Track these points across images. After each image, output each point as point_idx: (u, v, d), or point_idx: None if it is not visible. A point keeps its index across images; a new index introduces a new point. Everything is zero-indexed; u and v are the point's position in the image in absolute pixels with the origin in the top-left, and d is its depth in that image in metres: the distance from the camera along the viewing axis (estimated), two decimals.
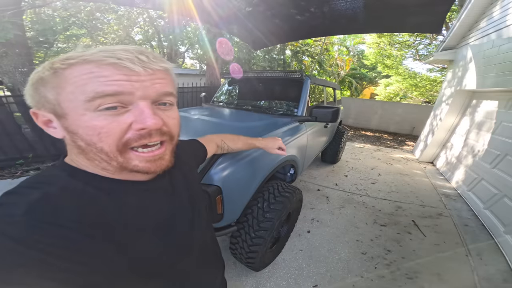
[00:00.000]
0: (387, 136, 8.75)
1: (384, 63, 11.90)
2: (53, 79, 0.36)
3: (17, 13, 3.09)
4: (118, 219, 0.41)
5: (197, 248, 0.59)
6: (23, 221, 0.31)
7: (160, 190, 0.51)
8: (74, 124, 0.37)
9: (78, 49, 0.38)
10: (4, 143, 3.47)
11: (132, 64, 0.37)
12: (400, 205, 3.10)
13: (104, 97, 0.35)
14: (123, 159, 0.40)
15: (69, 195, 0.37)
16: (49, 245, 0.30)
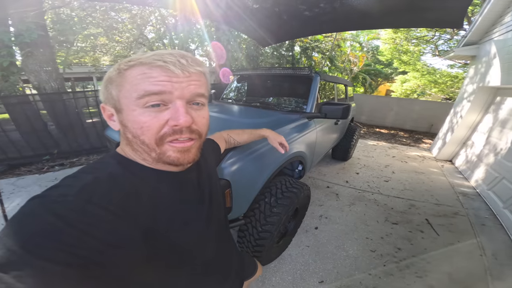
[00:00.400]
0: (403, 133, 8.49)
1: (400, 59, 11.51)
2: (118, 78, 0.44)
3: (40, 13, 3.27)
4: (150, 207, 0.45)
5: (212, 243, 0.64)
6: (72, 201, 0.35)
7: (188, 183, 0.57)
8: (126, 118, 0.44)
9: (138, 53, 0.45)
10: (32, 140, 3.70)
11: (174, 67, 0.42)
12: (413, 203, 3.04)
13: (151, 95, 0.42)
14: (160, 150, 0.45)
15: (114, 180, 0.42)
16: (87, 224, 0.33)
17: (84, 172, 0.43)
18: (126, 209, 0.40)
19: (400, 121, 9.35)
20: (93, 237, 0.33)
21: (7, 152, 3.54)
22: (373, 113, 9.83)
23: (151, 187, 0.47)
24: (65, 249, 0.30)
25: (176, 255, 0.49)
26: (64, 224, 0.32)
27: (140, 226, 0.41)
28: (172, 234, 0.48)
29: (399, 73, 14.91)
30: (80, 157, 4.04)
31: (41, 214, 0.32)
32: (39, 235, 0.30)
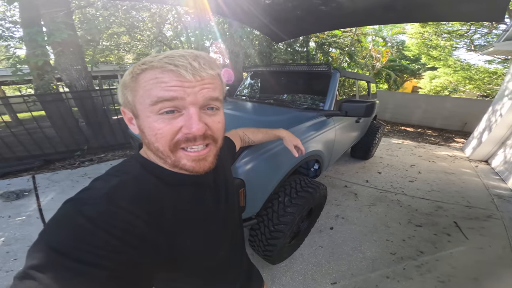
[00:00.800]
0: (432, 132, 7.99)
1: (429, 54, 10.82)
2: (132, 83, 0.43)
3: (68, 13, 3.45)
4: (172, 210, 0.45)
5: (227, 243, 0.64)
6: (100, 204, 0.36)
7: (206, 186, 0.57)
8: (142, 124, 0.44)
9: (152, 53, 0.46)
10: (65, 136, 3.98)
11: (185, 72, 0.41)
12: (441, 205, 2.87)
13: (164, 101, 0.40)
14: (174, 157, 0.45)
15: (138, 184, 0.43)
16: (114, 226, 0.35)
17: (111, 174, 0.44)
18: (150, 212, 0.41)
19: (429, 119, 8.82)
20: (119, 240, 0.35)
21: (43, 148, 3.84)
22: (398, 111, 9.37)
23: (172, 190, 0.48)
24: (93, 250, 0.32)
25: (194, 255, 0.50)
26: (93, 226, 0.33)
27: (163, 229, 0.42)
28: (191, 235, 0.49)
29: (427, 69, 14.14)
30: (106, 152, 4.28)
31: (73, 216, 0.34)
32: (70, 237, 0.32)
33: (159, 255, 0.41)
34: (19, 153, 3.70)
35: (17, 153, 3.68)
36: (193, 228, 0.50)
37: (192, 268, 0.53)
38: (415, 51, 12.04)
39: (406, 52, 14.22)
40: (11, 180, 3.24)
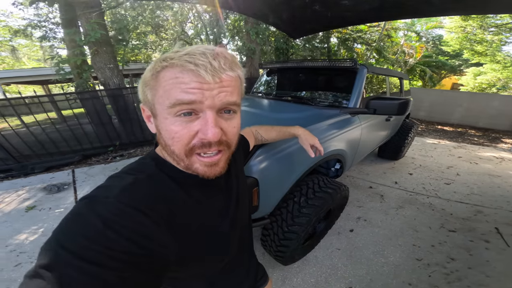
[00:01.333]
0: (475, 131, 7.30)
1: (473, 49, 9.95)
2: (152, 81, 0.42)
3: (100, 14, 3.68)
4: (183, 211, 0.45)
5: (236, 244, 0.64)
6: (112, 202, 0.36)
7: (217, 187, 0.57)
8: (160, 125, 0.43)
9: (175, 48, 0.43)
10: (100, 132, 4.30)
11: (205, 72, 0.39)
12: (481, 209, 2.63)
13: (182, 104, 0.39)
14: (188, 162, 0.44)
15: (152, 183, 0.43)
16: (124, 227, 0.34)
17: (126, 172, 0.45)
18: (161, 213, 0.41)
19: (472, 118, 8.08)
20: (131, 241, 0.34)
21: (82, 143, 4.20)
22: (435, 109, 8.70)
23: (184, 191, 0.47)
24: (103, 251, 0.32)
25: (201, 257, 0.50)
26: (104, 227, 0.33)
27: (173, 230, 0.42)
28: (200, 237, 0.49)
29: (471, 65, 13.05)
30: (136, 148, 4.56)
31: (86, 215, 0.34)
32: (81, 237, 0.32)
33: (168, 256, 0.41)
34: (62, 148, 4.07)
35: (60, 148, 4.05)
36: (203, 229, 0.50)
37: (200, 269, 0.53)
38: (455, 46, 11.25)
39: (445, 47, 13.24)
40: (54, 174, 3.60)
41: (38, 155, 3.90)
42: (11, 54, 16.11)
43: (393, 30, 10.54)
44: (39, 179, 3.45)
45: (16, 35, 7.01)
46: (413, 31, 11.55)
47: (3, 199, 2.90)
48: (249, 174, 1.22)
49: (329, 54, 9.59)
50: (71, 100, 3.92)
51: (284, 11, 2.73)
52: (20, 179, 3.50)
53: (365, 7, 2.37)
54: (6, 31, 8.57)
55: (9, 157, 3.69)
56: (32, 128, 3.80)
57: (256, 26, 6.28)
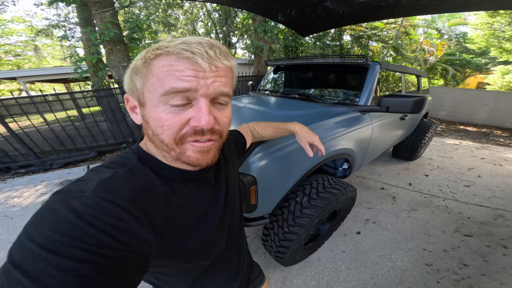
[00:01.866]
0: (501, 132, 6.88)
1: (501, 47, 9.46)
2: (144, 68, 0.41)
3: (114, 13, 3.78)
4: (166, 207, 0.44)
5: (224, 243, 0.63)
6: (89, 197, 0.34)
7: (204, 182, 0.56)
8: (148, 114, 0.42)
9: (167, 39, 0.43)
10: (115, 129, 4.45)
11: (202, 60, 0.39)
12: (502, 213, 2.49)
13: (176, 92, 0.39)
14: (179, 150, 0.43)
15: (132, 177, 0.41)
16: (101, 221, 0.33)
17: (106, 166, 0.43)
18: (141, 208, 0.39)
19: (498, 118, 7.65)
20: (107, 235, 0.33)
21: (97, 140, 4.36)
22: (457, 108, 8.32)
23: (168, 186, 0.46)
24: (79, 245, 0.30)
25: (185, 254, 0.49)
26: (79, 221, 0.32)
27: (154, 225, 0.40)
28: (185, 233, 0.48)
29: (499, 63, 12.37)
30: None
31: (59, 209, 0.32)
32: (55, 231, 0.30)
33: (150, 252, 0.39)
34: (79, 145, 4.25)
35: (77, 145, 4.24)
36: (187, 225, 0.48)
37: (184, 265, 0.52)
38: (481, 44, 10.77)
39: (469, 45, 12.69)
40: (70, 170, 3.78)
41: (56, 151, 4.09)
42: (34, 53, 17.05)
43: (411, 27, 10.16)
44: (57, 174, 3.62)
45: (38, 35, 7.39)
46: (433, 28, 11.16)
47: (22, 194, 3.07)
48: (247, 172, 1.20)
49: (341, 52, 9.39)
50: (87, 98, 4.07)
51: (293, 8, 2.65)
52: (39, 174, 3.70)
53: (379, 3, 2.25)
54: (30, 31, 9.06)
55: (30, 153, 3.89)
56: (52, 126, 3.98)
57: (264, 23, 6.25)
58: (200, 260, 0.55)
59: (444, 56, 11.84)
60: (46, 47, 17.63)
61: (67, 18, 5.34)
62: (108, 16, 3.58)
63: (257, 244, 2.02)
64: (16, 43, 16.34)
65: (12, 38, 15.77)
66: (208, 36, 7.60)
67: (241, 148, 0.88)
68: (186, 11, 8.31)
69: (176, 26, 8.58)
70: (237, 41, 9.67)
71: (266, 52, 6.91)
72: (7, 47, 15.77)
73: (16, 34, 15.56)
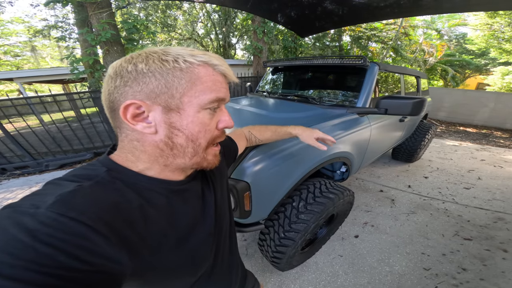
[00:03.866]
0: (501, 133, 6.88)
1: (501, 48, 9.55)
2: (188, 73, 0.41)
3: (110, 14, 3.76)
4: (142, 222, 0.40)
5: (211, 256, 0.59)
6: (44, 214, 0.30)
7: (190, 193, 0.52)
8: (187, 119, 0.41)
9: (189, 48, 0.44)
10: (112, 130, 4.40)
11: (230, 74, 0.46)
12: (503, 216, 2.46)
13: (219, 101, 0.44)
14: (204, 154, 0.47)
15: (99, 191, 0.37)
16: (59, 239, 0.29)
17: (67, 179, 0.38)
18: (110, 225, 0.35)
19: (498, 119, 7.68)
20: (68, 256, 0.29)
21: (94, 141, 4.33)
22: (457, 109, 8.34)
23: (145, 200, 0.42)
24: (33, 267, 0.27)
25: (166, 271, 0.45)
26: (32, 240, 0.28)
27: (126, 243, 0.37)
28: (164, 250, 0.43)
29: (499, 64, 12.45)
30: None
31: (7, 227, 0.29)
32: (3, 252, 0.27)
33: (122, 272, 0.35)
34: (75, 146, 4.22)
35: (74, 146, 4.20)
36: (168, 241, 0.44)
37: (166, 282, 0.47)
38: (481, 45, 10.88)
39: (469, 46, 12.83)
40: (66, 171, 3.67)
41: (52, 153, 4.05)
42: (32, 54, 17.05)
43: (411, 28, 10.21)
44: (53, 176, 3.60)
45: (36, 36, 7.38)
46: (433, 29, 11.21)
47: (17, 195, 3.04)
48: (241, 178, 1.17)
49: (340, 53, 9.42)
50: (84, 99, 4.03)
51: (292, 8, 2.64)
52: (35, 175, 3.66)
53: (379, 4, 2.24)
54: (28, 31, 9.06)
55: (26, 154, 3.86)
56: (48, 127, 3.96)
57: (263, 24, 6.25)
58: (184, 276, 0.51)
59: (444, 57, 11.90)
60: (45, 47, 17.63)
61: (65, 19, 5.32)
62: (105, 17, 3.56)
63: (254, 248, 1.99)
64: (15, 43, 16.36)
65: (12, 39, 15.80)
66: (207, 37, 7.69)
67: (232, 156, 0.84)
68: (185, 12, 8.34)
69: (175, 27, 8.59)
70: (237, 42, 9.71)
71: (265, 53, 6.92)
72: (6, 47, 15.77)
73: (15, 35, 15.58)
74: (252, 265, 1.84)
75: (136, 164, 0.44)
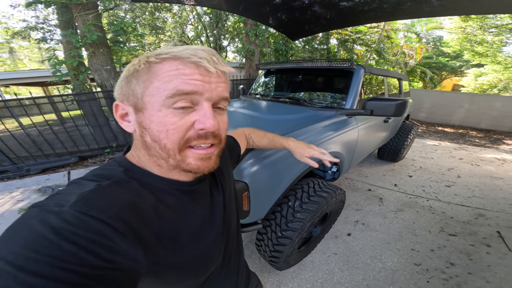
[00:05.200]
0: (476, 133, 7.29)
1: (473, 50, 10.02)
2: (145, 73, 0.40)
3: (97, 16, 3.67)
4: (156, 221, 0.41)
5: (220, 256, 0.59)
6: (68, 212, 0.31)
7: (199, 194, 0.53)
8: (149, 118, 0.40)
9: (168, 46, 0.44)
10: (97, 134, 4.28)
11: (208, 64, 0.40)
12: (483, 212, 2.59)
13: (182, 95, 0.39)
14: (180, 157, 0.42)
15: (117, 191, 0.39)
16: (81, 237, 0.30)
17: (88, 179, 0.40)
18: (127, 223, 0.36)
19: (473, 119, 8.11)
20: (89, 253, 0.30)
21: (79, 145, 4.17)
22: (435, 110, 8.74)
23: (159, 199, 0.43)
24: (57, 264, 0.28)
25: (178, 270, 0.46)
26: (56, 237, 0.29)
27: (142, 241, 0.37)
28: (177, 249, 0.44)
29: (472, 66, 13.22)
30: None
31: (33, 224, 0.30)
32: (28, 248, 0.28)
33: (138, 269, 0.36)
34: (58, 150, 4.04)
35: (56, 150, 4.03)
36: (181, 240, 0.45)
37: (179, 280, 0.48)
38: (455, 47, 11.36)
39: (445, 48, 13.40)
40: (49, 175, 3.57)
41: (34, 157, 3.87)
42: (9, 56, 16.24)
43: (392, 31, 10.62)
44: (34, 180, 3.43)
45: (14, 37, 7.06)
46: (413, 32, 11.66)
47: None
48: (239, 178, 1.18)
49: (328, 55, 9.68)
50: (67, 102, 3.89)
51: (283, 12, 2.71)
52: (15, 180, 3.49)
53: (363, 8, 2.36)
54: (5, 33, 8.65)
55: (5, 158, 3.67)
56: (29, 130, 3.78)
57: (255, 27, 6.30)
58: (195, 276, 0.52)
59: (423, 59, 12.37)
60: (22, 49, 16.83)
61: (46, 20, 5.12)
62: (91, 19, 3.46)
63: (252, 249, 1.99)
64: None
65: None
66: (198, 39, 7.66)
67: (236, 157, 0.85)
68: (175, 14, 8.24)
69: (164, 29, 8.47)
70: (228, 44, 9.71)
71: (257, 56, 6.95)
72: None
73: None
74: (250, 266, 1.81)
75: (141, 162, 0.46)
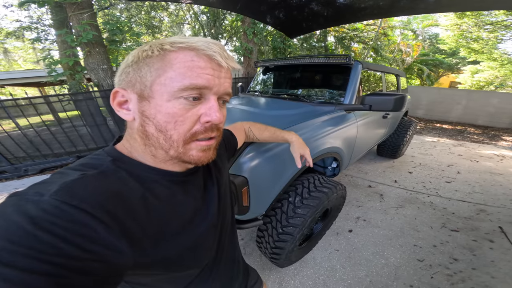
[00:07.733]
0: (474, 129, 7.30)
1: (469, 47, 10.01)
2: (160, 61, 0.39)
3: (92, 15, 3.63)
4: (144, 212, 0.40)
5: (213, 250, 0.58)
6: (47, 201, 0.30)
7: (192, 185, 0.52)
8: (155, 108, 0.39)
9: (179, 36, 0.41)
10: (95, 133, 4.24)
11: (221, 59, 0.40)
12: (484, 208, 2.57)
13: (195, 89, 0.39)
14: (183, 149, 0.42)
15: (103, 180, 0.37)
16: (60, 227, 0.29)
17: (73, 168, 0.38)
18: (111, 213, 0.34)
19: (471, 115, 8.13)
20: (68, 243, 0.28)
21: (76, 145, 4.15)
22: (433, 107, 8.77)
23: (148, 189, 0.42)
24: (33, 254, 0.26)
25: (168, 262, 0.44)
26: (34, 227, 0.27)
27: (127, 232, 0.35)
28: (166, 240, 0.42)
29: (469, 63, 13.23)
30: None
31: (10, 214, 0.28)
32: (3, 238, 0.26)
33: (123, 261, 0.34)
34: (56, 150, 4.01)
35: (54, 150, 3.99)
36: (170, 232, 0.43)
37: (168, 274, 0.47)
38: (451, 44, 11.28)
39: (441, 46, 13.46)
40: (47, 176, 3.51)
41: (31, 157, 3.84)
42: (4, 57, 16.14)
43: (389, 28, 10.63)
44: (33, 181, 3.40)
45: (8, 37, 7.00)
46: (409, 29, 11.70)
47: None
48: (238, 173, 1.16)
49: (326, 53, 9.68)
50: (64, 102, 3.84)
51: (281, 10, 2.70)
52: (13, 181, 3.49)
53: (360, 5, 2.35)
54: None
55: (2, 159, 3.65)
56: (26, 131, 3.73)
57: (253, 25, 6.29)
58: (186, 269, 0.51)
59: (419, 56, 12.42)
60: (17, 50, 16.73)
61: (40, 20, 5.07)
62: (86, 18, 3.42)
63: (252, 247, 1.97)
64: None
65: None
66: None
67: (232, 150, 0.84)
68: (172, 13, 8.21)
69: (161, 28, 8.43)
70: (226, 43, 9.70)
71: (255, 54, 6.94)
72: None
73: None
74: (250, 263, 1.79)
75: (133, 152, 0.45)
